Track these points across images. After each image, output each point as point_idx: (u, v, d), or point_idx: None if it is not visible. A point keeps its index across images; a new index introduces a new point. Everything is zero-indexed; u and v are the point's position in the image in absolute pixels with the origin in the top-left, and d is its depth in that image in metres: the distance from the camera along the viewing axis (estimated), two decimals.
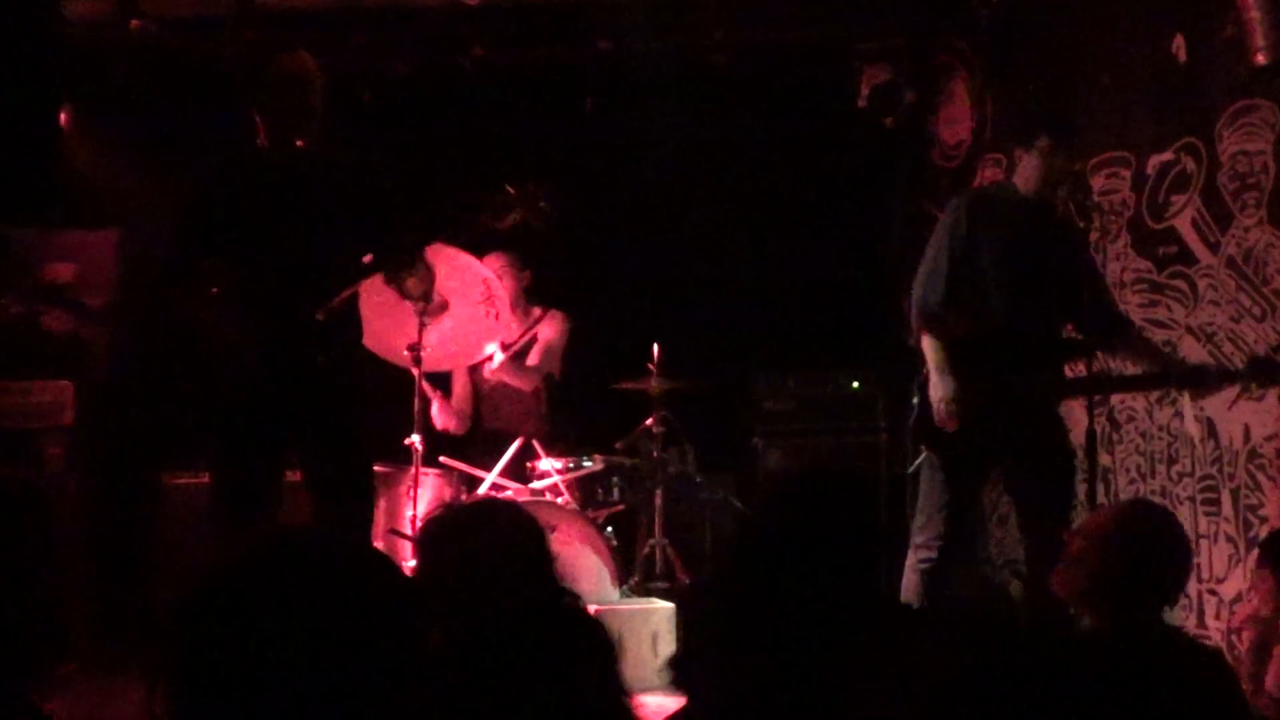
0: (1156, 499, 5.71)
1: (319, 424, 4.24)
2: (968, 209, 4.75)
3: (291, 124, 4.22)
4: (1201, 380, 4.65)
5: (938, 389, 4.59)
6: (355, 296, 4.35)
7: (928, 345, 4.66)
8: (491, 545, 2.57)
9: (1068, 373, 4.96)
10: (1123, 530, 3.05)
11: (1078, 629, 3.21)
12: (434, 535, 2.71)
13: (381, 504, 5.30)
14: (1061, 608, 3.28)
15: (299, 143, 4.24)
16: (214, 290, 4.15)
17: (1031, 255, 4.62)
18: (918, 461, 4.73)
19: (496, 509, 2.85)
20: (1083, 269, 4.70)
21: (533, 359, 6.26)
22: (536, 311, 6.34)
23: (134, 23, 6.20)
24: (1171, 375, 4.76)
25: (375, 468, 5.18)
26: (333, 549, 1.50)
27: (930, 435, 4.68)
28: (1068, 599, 3.16)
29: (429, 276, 4.47)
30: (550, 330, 6.31)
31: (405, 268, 4.29)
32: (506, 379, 6.18)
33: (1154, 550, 3.00)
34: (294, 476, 4.40)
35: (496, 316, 5.60)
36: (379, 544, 4.55)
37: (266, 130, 4.26)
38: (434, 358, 5.38)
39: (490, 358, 6.04)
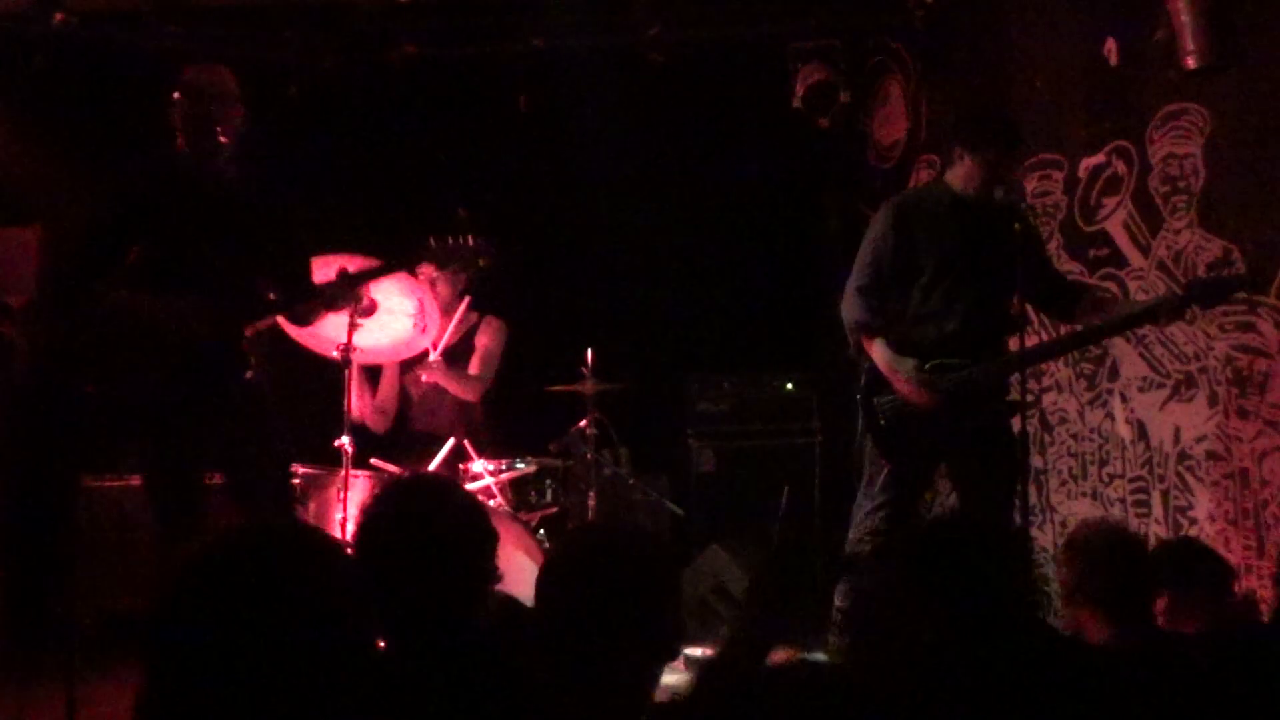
0: (1087, 501, 5.75)
1: (242, 436, 4.27)
2: (893, 219, 4.70)
3: (203, 137, 4.23)
4: (1157, 313, 4.61)
5: (899, 373, 4.55)
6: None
7: (870, 348, 4.62)
8: (438, 527, 2.53)
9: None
10: None
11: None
12: (376, 517, 2.63)
13: (311, 507, 5.31)
14: None
15: (217, 161, 4.25)
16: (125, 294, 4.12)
17: (976, 251, 4.59)
18: (885, 473, 4.69)
19: (440, 489, 2.78)
20: (1034, 254, 4.67)
21: (474, 367, 6.16)
22: (473, 317, 6.25)
23: (58, 16, 6.07)
24: (1131, 317, 4.73)
25: (306, 470, 5.24)
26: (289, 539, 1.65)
27: (886, 443, 4.64)
28: None
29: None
30: (487, 337, 6.23)
31: (308, 304, 4.36)
32: (447, 385, 6.09)
33: None
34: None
35: (424, 330, 5.56)
36: None
37: (184, 139, 4.27)
38: (361, 355, 5.36)
39: (425, 355, 5.98)
